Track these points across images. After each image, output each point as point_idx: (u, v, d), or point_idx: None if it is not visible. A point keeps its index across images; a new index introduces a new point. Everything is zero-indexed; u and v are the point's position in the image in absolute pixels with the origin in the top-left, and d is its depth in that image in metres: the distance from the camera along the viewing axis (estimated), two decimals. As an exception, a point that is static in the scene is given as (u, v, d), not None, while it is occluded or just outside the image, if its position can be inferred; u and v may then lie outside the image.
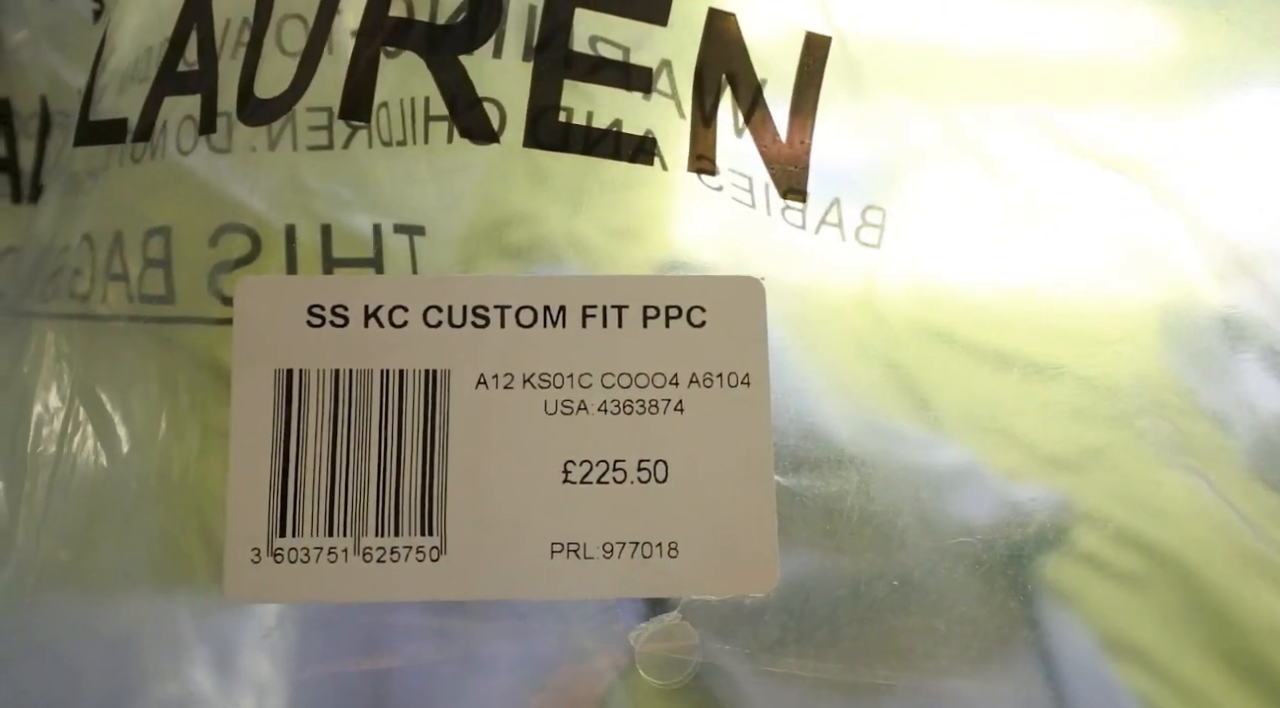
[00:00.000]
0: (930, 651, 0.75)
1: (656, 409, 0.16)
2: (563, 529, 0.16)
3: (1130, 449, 0.88)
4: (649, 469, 0.16)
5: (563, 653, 0.22)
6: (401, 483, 0.16)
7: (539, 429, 0.16)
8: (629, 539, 0.16)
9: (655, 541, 0.16)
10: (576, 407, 0.16)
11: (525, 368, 0.16)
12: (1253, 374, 0.89)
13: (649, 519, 0.16)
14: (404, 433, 0.16)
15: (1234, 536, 0.81)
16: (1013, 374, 0.93)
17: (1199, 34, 1.35)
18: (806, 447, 0.73)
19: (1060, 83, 1.32)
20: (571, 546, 0.16)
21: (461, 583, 0.16)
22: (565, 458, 0.16)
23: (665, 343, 0.15)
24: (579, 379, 0.16)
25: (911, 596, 0.77)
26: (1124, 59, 1.31)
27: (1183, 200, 1.05)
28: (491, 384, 0.16)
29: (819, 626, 0.29)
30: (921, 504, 0.76)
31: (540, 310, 0.16)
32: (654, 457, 0.16)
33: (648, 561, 0.16)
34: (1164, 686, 0.73)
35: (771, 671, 0.69)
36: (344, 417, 0.16)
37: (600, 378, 0.16)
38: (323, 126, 0.16)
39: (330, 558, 0.15)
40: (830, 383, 0.81)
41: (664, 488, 0.16)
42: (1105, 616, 0.78)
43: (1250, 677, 0.74)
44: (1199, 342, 0.93)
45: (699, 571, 0.15)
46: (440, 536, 0.16)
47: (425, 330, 0.16)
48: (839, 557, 0.28)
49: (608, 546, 0.16)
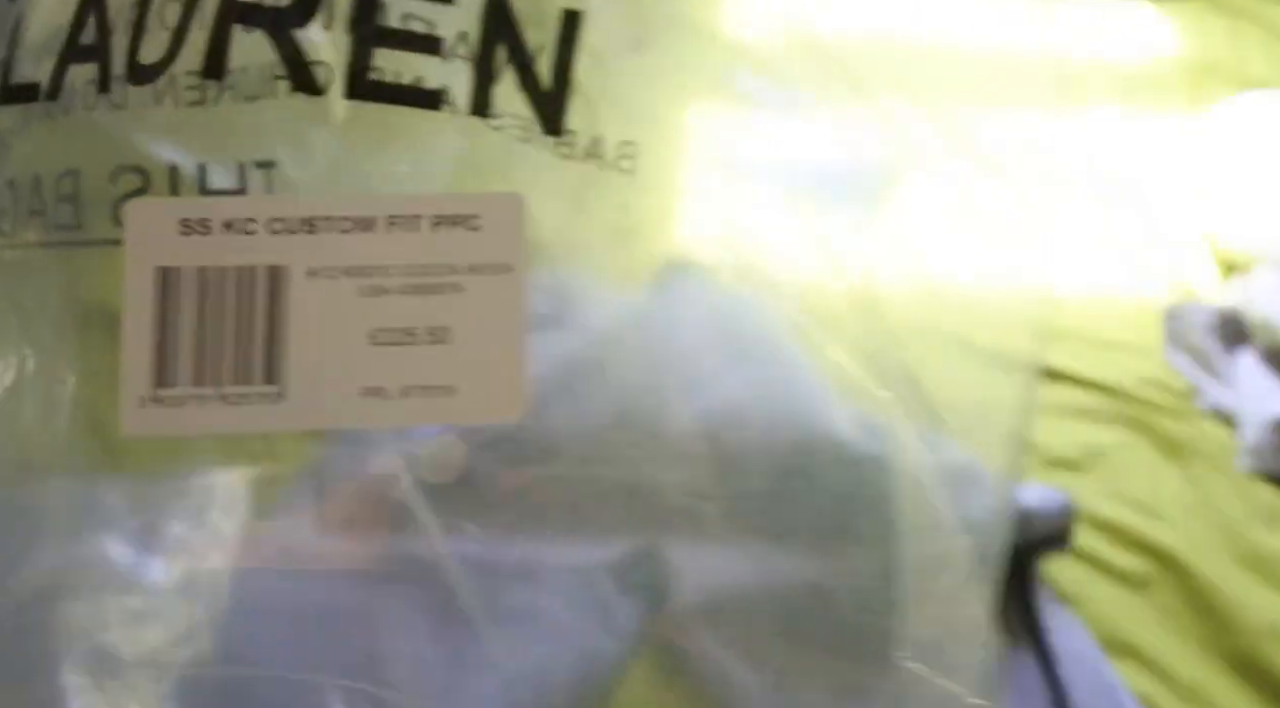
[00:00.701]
0: (930, 650, 0.76)
1: (442, 291, 0.21)
2: (371, 379, 0.22)
3: (1130, 449, 0.89)
4: (435, 334, 0.21)
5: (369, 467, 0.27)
6: (252, 348, 0.22)
7: (354, 307, 0.22)
8: (419, 384, 0.21)
9: (439, 385, 0.21)
10: (382, 290, 0.21)
11: (344, 263, 0.22)
12: (1253, 374, 0.89)
13: (434, 370, 0.22)
14: (254, 311, 0.22)
15: (1234, 536, 0.81)
16: (1013, 374, 0.93)
17: (1200, 36, 1.35)
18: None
19: (1060, 84, 1.31)
20: (378, 389, 0.21)
21: (296, 419, 0.22)
22: (374, 327, 0.22)
23: (449, 243, 0.21)
24: (385, 270, 0.21)
25: (911, 595, 0.77)
26: (1124, 60, 1.30)
27: (1182, 201, 1.05)
28: (320, 275, 0.22)
29: (552, 447, 0.35)
30: (921, 504, 0.77)
31: (356, 220, 0.22)
32: (439, 325, 0.21)
33: (433, 400, 0.21)
34: (1163, 684, 0.73)
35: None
36: (208, 300, 0.22)
37: (401, 269, 0.21)
38: (196, 86, 0.21)
39: (198, 402, 0.22)
40: (830, 383, 0.81)
41: (446, 348, 0.21)
42: (1105, 615, 0.78)
43: (1249, 676, 0.74)
44: (1199, 342, 0.93)
45: (470, 405, 0.21)
46: (280, 384, 0.22)
47: (269, 237, 0.22)
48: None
49: (404, 389, 0.22)
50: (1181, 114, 1.24)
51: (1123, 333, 0.92)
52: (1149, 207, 1.08)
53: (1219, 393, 0.85)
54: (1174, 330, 0.91)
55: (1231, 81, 1.28)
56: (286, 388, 0.20)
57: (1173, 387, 0.87)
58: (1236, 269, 0.96)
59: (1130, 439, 0.83)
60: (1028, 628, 0.71)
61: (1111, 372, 0.88)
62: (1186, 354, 0.89)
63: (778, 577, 0.75)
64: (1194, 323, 0.91)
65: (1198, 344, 0.89)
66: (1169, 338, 0.91)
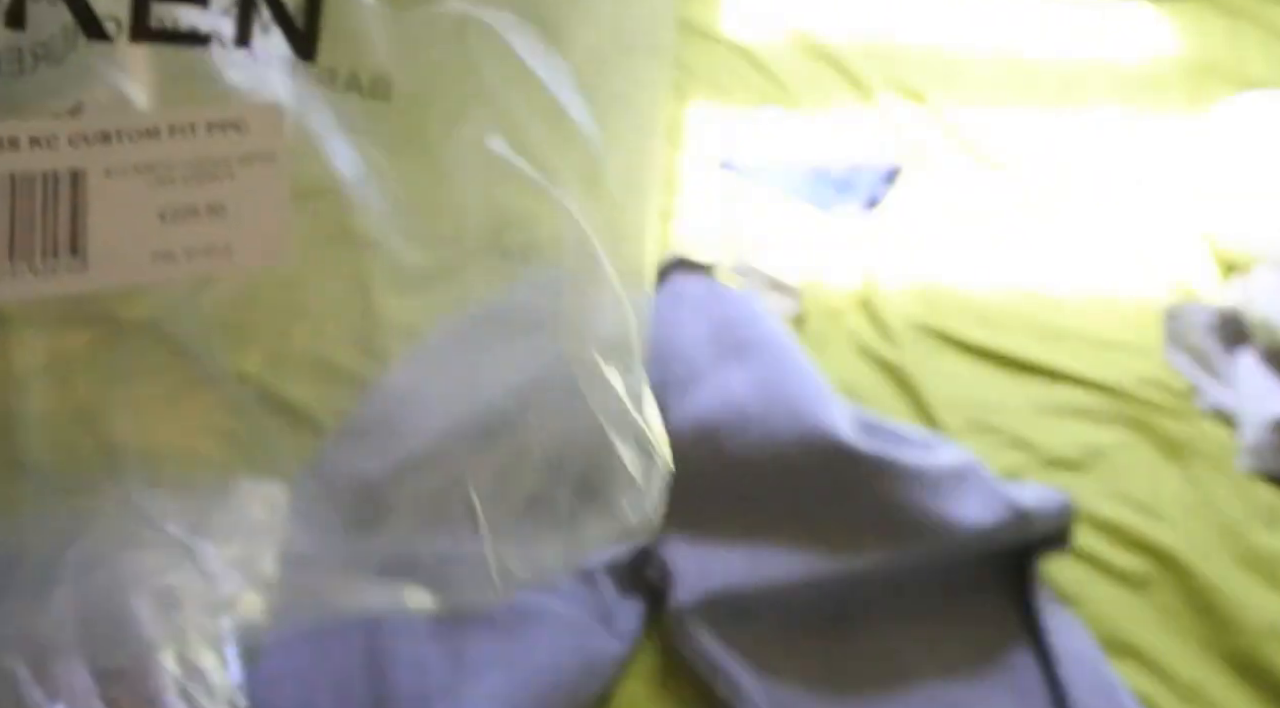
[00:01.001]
0: (929, 650, 0.76)
1: (217, 177, 0.28)
2: (161, 246, 0.27)
3: (1130, 449, 0.89)
4: (213, 209, 0.28)
5: None
6: (59, 230, 0.27)
7: (145, 196, 0.27)
8: (202, 246, 0.28)
9: (218, 246, 0.28)
10: (169, 181, 0.28)
11: (134, 162, 0.27)
12: (1252, 374, 0.89)
13: (214, 236, 0.28)
14: (59, 202, 0.27)
15: (1234, 536, 0.81)
16: (1013, 374, 0.94)
17: (1200, 37, 1.35)
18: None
19: (1061, 84, 1.31)
20: (167, 253, 0.27)
21: (97, 281, 0.27)
22: (161, 209, 0.27)
23: (223, 142, 0.28)
24: (169, 165, 0.27)
25: (911, 594, 0.77)
26: (1124, 60, 1.30)
27: (1182, 201, 1.05)
28: (114, 174, 0.27)
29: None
30: (921, 504, 0.77)
31: (143, 130, 0.28)
32: (216, 202, 0.28)
33: (214, 257, 0.28)
34: (1163, 684, 0.73)
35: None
36: (20, 197, 0.27)
37: (183, 164, 0.28)
38: (14, 59, 0.27)
39: (12, 275, 0.26)
40: (830, 383, 0.81)
41: (223, 219, 0.28)
42: (1105, 615, 0.78)
43: (1249, 676, 0.74)
44: (1199, 341, 0.94)
45: (243, 259, 0.28)
46: (83, 258, 0.27)
47: (70, 149, 0.27)
48: None
49: (188, 251, 0.28)
50: (1181, 114, 1.24)
51: (1123, 333, 0.93)
52: (1149, 206, 1.08)
53: (1219, 393, 0.85)
54: (1174, 330, 0.91)
55: (1231, 81, 1.28)
56: (88, 259, 0.26)
57: (1173, 387, 0.87)
58: (1236, 269, 0.96)
59: (1130, 439, 0.83)
60: (1028, 628, 0.71)
61: (1111, 372, 0.88)
62: (1186, 354, 0.89)
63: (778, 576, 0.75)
64: (1194, 323, 0.91)
65: (1197, 344, 0.89)
66: (1169, 338, 0.91)
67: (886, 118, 1.19)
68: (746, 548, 0.73)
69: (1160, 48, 1.29)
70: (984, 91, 1.23)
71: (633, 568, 0.76)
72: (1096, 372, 0.88)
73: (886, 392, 0.89)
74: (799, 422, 0.74)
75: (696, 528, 0.76)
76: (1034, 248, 1.03)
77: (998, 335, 0.93)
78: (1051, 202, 1.07)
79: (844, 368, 0.92)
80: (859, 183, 1.11)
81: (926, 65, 1.27)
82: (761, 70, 1.28)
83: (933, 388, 0.88)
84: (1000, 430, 0.84)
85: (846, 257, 1.02)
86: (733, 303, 0.84)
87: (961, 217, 1.07)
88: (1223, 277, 0.97)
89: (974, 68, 1.27)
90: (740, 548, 0.74)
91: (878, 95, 1.22)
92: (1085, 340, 0.93)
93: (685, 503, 0.81)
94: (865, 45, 1.31)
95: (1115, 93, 1.22)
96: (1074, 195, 1.08)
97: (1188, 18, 1.33)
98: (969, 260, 1.02)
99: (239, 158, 0.26)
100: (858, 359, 0.92)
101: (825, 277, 1.00)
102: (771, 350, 0.79)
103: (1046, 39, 1.31)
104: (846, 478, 0.72)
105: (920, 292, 0.98)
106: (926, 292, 0.98)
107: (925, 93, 1.21)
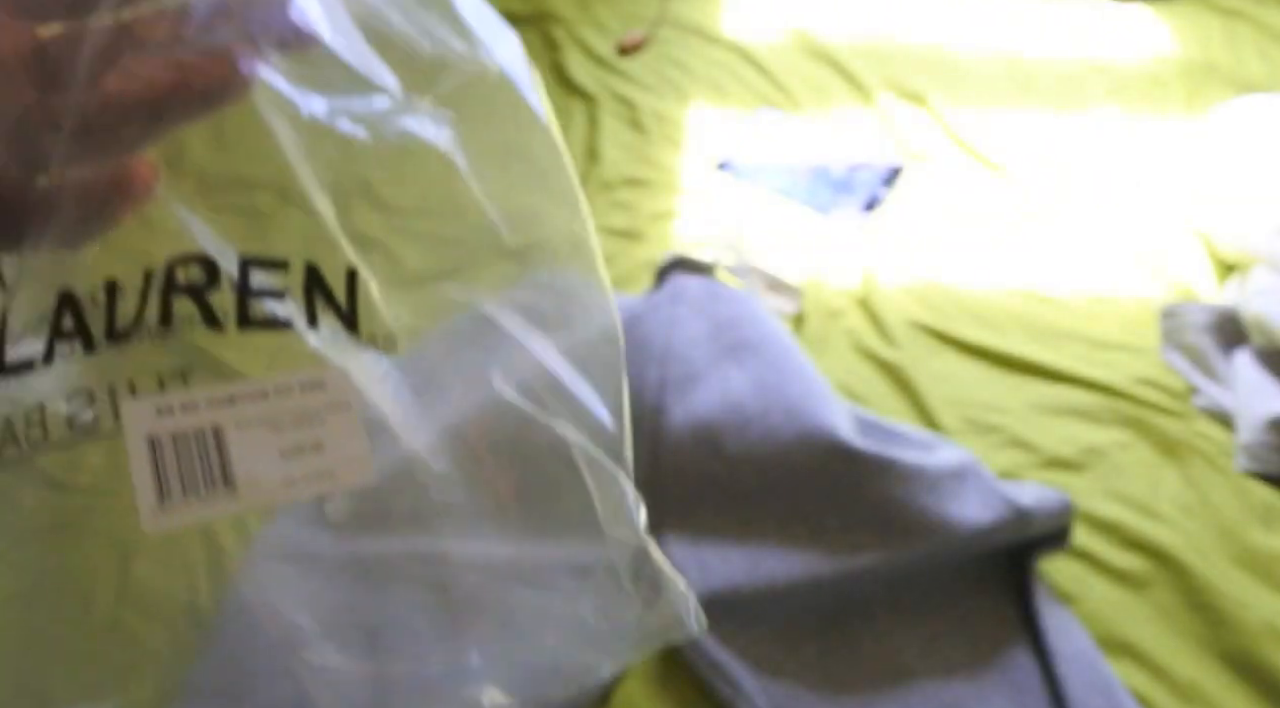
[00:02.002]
0: (929, 648, 0.76)
1: (314, 423, 0.32)
2: (285, 476, 0.31)
3: (1128, 449, 0.89)
4: (315, 446, 0.32)
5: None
6: (213, 469, 0.30)
7: (268, 440, 0.31)
8: (314, 474, 0.31)
9: (325, 472, 0.31)
10: (280, 428, 0.32)
11: (255, 416, 0.32)
12: (1249, 373, 0.89)
13: (320, 466, 0.31)
14: (208, 449, 0.31)
15: (1230, 535, 0.82)
16: (1012, 374, 0.94)
17: (1197, 39, 1.35)
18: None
19: (1059, 86, 1.31)
20: (290, 480, 0.31)
21: (246, 506, 0.31)
22: (280, 450, 0.31)
23: (312, 398, 0.32)
24: (279, 418, 0.32)
25: (910, 593, 0.77)
26: (1123, 62, 1.31)
27: (1181, 202, 1.06)
28: (243, 426, 0.31)
29: None
30: (921, 503, 0.77)
31: (257, 391, 0.32)
32: (317, 441, 0.32)
33: (323, 480, 0.31)
34: (1160, 682, 0.73)
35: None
36: (181, 448, 0.30)
37: (288, 414, 0.32)
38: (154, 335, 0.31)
39: (185, 504, 0.29)
40: (830, 382, 0.81)
41: (324, 453, 0.32)
42: (1103, 614, 0.78)
43: (1246, 674, 0.74)
44: (1195, 341, 0.94)
45: (343, 479, 0.32)
46: (233, 487, 0.30)
47: (207, 410, 0.31)
48: None
49: (305, 478, 0.31)
50: (1179, 116, 1.24)
51: (1121, 333, 0.93)
52: (1147, 207, 1.08)
53: (1216, 392, 0.86)
54: (1170, 329, 0.91)
55: (1229, 83, 1.28)
56: (237, 488, 0.30)
57: (1170, 387, 0.87)
58: (1233, 270, 0.96)
59: (1128, 439, 0.83)
60: (1027, 627, 0.71)
61: (1109, 372, 0.88)
62: (1182, 354, 0.89)
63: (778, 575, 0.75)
64: (1190, 322, 0.91)
65: (1193, 343, 0.89)
66: (1165, 337, 0.91)
67: (886, 119, 1.20)
68: (746, 547, 0.74)
69: (1158, 50, 1.29)
70: (983, 93, 1.23)
71: (632, 567, 0.76)
72: (1094, 372, 0.89)
73: (885, 391, 0.89)
74: (798, 421, 0.74)
75: (696, 527, 0.76)
76: (1032, 248, 1.03)
77: (996, 335, 0.93)
78: (1049, 202, 1.08)
79: (843, 368, 0.92)
80: (858, 184, 1.11)
81: (926, 66, 1.27)
82: (761, 71, 1.28)
83: (931, 388, 0.88)
84: (998, 430, 0.84)
85: (846, 257, 1.02)
86: (733, 303, 0.84)
87: (960, 217, 1.07)
88: (1220, 277, 0.97)
89: (973, 69, 1.27)
90: (740, 547, 0.74)
91: (877, 96, 1.22)
92: (1083, 340, 0.93)
93: (685, 502, 0.81)
94: (865, 46, 1.32)
95: (1113, 94, 1.22)
96: (1072, 196, 1.08)
97: (1185, 20, 1.34)
98: (968, 261, 1.02)
99: (325, 407, 0.32)
100: (857, 359, 0.92)
101: (825, 277, 1.00)
102: (771, 350, 0.79)
103: (1045, 41, 1.32)
104: (846, 477, 0.72)
105: (919, 292, 0.98)
106: (925, 292, 0.98)
107: (924, 94, 1.21)
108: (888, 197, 1.08)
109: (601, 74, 1.25)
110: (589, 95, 1.21)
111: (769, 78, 1.24)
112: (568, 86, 1.23)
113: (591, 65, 1.26)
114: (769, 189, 1.09)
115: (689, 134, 1.16)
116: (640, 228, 1.05)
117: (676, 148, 1.14)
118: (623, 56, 1.28)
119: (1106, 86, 1.22)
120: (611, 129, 1.17)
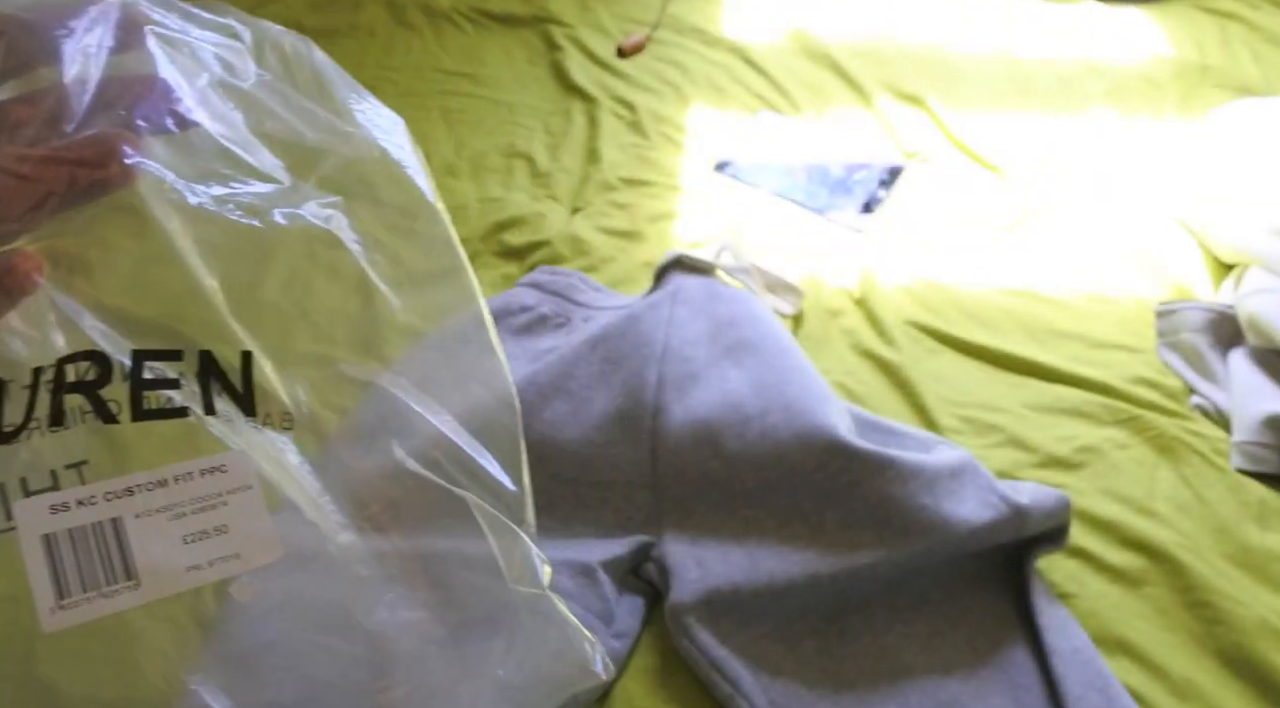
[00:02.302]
0: (927, 647, 0.76)
1: (216, 507, 0.32)
2: (189, 563, 0.31)
3: (1124, 448, 0.89)
4: (219, 530, 0.31)
5: None
6: (114, 562, 0.30)
7: (169, 529, 0.31)
8: (219, 558, 0.32)
9: (230, 555, 0.32)
10: (182, 516, 0.31)
11: (155, 506, 0.31)
12: (1244, 373, 0.89)
13: (225, 549, 0.32)
14: (108, 543, 0.30)
15: (1226, 533, 0.82)
16: (1009, 374, 0.94)
17: (1193, 41, 1.36)
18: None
19: (1057, 88, 1.32)
20: (195, 566, 0.31)
21: (149, 597, 0.31)
22: (182, 536, 0.31)
23: (213, 482, 0.32)
24: (181, 505, 0.31)
25: (909, 592, 0.78)
26: (1118, 65, 1.31)
27: (1177, 202, 1.06)
28: (143, 516, 0.31)
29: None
30: (919, 502, 0.77)
31: (156, 481, 0.32)
32: (220, 525, 0.32)
33: (229, 563, 0.32)
34: (1156, 679, 0.73)
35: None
36: (79, 543, 0.30)
37: (190, 501, 0.32)
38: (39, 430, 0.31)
39: (88, 601, 0.30)
40: (828, 382, 0.81)
41: (229, 536, 0.32)
42: (1099, 611, 0.78)
43: (1241, 672, 0.75)
44: (1190, 340, 0.94)
45: (249, 560, 0.33)
46: (136, 579, 0.30)
47: (105, 502, 0.31)
48: None
49: (210, 563, 0.31)
50: (1175, 118, 1.25)
51: (1117, 333, 0.93)
52: (1143, 209, 1.09)
53: (1211, 391, 0.86)
54: (1165, 329, 0.92)
55: (1224, 86, 1.29)
56: (140, 580, 0.30)
57: (1166, 386, 0.87)
58: (1229, 271, 0.97)
59: (1124, 438, 0.84)
60: (1024, 625, 0.71)
61: (1106, 371, 0.89)
62: (1178, 353, 0.90)
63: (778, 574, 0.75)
64: (1185, 322, 0.92)
65: (1189, 343, 0.90)
66: (1160, 336, 0.91)
67: (884, 120, 1.20)
68: (745, 546, 0.74)
69: (1154, 52, 1.30)
70: (980, 94, 1.24)
71: (632, 566, 0.76)
72: (1092, 372, 0.89)
73: (884, 391, 0.89)
74: (797, 420, 0.74)
75: (695, 527, 0.77)
76: (1030, 249, 1.03)
77: (994, 335, 0.94)
78: (1047, 203, 1.08)
79: (841, 367, 0.92)
80: (856, 184, 1.12)
81: (924, 68, 1.28)
82: (760, 73, 1.29)
83: (929, 387, 0.88)
84: (996, 429, 0.85)
85: (844, 257, 1.03)
86: (732, 303, 0.84)
87: (958, 218, 1.07)
88: (1216, 278, 0.98)
89: (971, 71, 1.27)
90: (739, 546, 0.74)
91: (876, 97, 1.22)
92: (1080, 340, 0.93)
93: (684, 502, 0.82)
94: (863, 48, 1.32)
95: (1110, 96, 1.23)
96: (1069, 197, 1.09)
97: (1179, 23, 1.34)
98: (966, 261, 1.02)
99: (227, 490, 0.32)
100: (855, 358, 0.92)
101: (823, 277, 1.01)
102: (770, 350, 0.80)
103: (1042, 43, 1.32)
104: (844, 476, 0.72)
105: (917, 292, 0.99)
106: (923, 292, 0.98)
107: (922, 95, 1.22)
108: (886, 197, 1.08)
109: (601, 76, 1.25)
110: (589, 97, 1.21)
111: (768, 79, 1.24)
112: (568, 88, 1.24)
113: (592, 67, 1.27)
114: (768, 190, 1.09)
115: (688, 135, 1.17)
116: (640, 228, 1.05)
117: (676, 149, 1.15)
118: (622, 59, 1.29)
119: (1103, 88, 1.23)
120: (611, 130, 1.17)
